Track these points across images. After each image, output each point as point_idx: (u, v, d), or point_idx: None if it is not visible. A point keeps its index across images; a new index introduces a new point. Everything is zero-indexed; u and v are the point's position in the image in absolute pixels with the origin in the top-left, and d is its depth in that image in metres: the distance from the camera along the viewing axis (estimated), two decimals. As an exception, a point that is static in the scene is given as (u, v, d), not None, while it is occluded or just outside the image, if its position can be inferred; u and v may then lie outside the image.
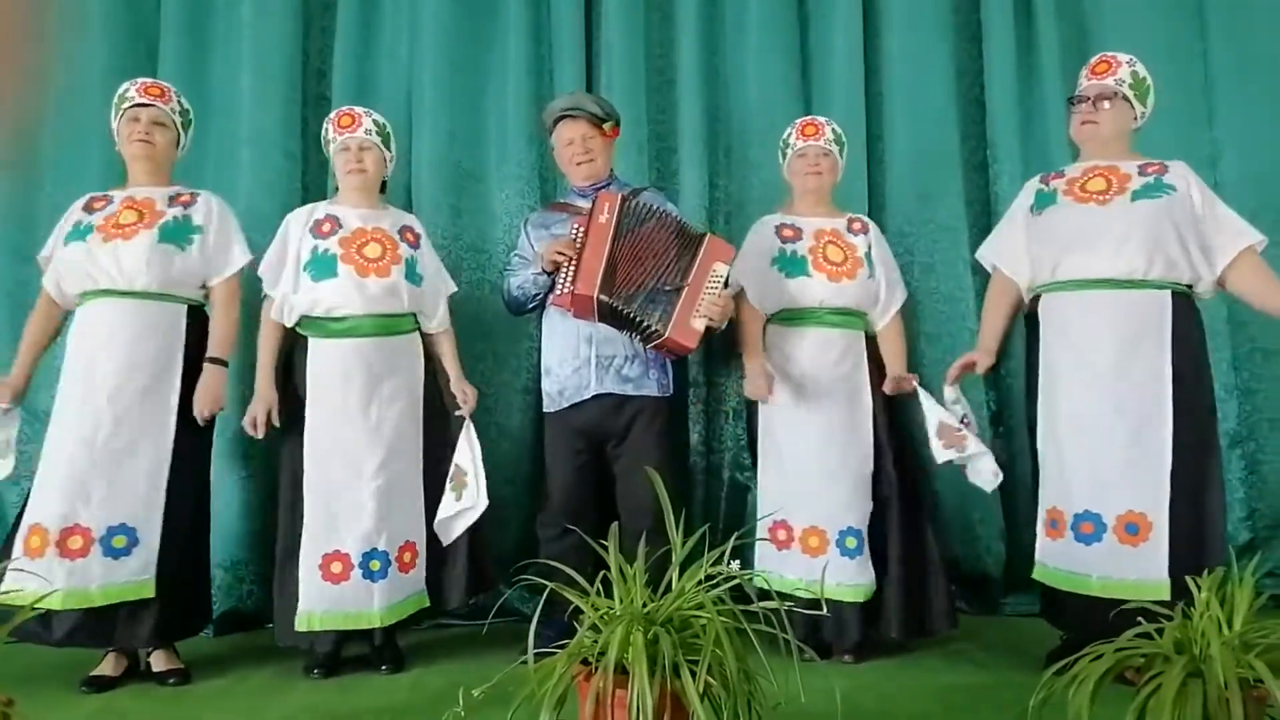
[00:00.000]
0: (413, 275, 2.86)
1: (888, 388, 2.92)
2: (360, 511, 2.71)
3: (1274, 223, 3.53)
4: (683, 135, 3.62)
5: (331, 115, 2.94)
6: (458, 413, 2.90)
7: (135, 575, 2.57)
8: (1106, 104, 2.70)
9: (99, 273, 2.67)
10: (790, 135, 3.08)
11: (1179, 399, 2.55)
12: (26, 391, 2.78)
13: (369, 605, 2.70)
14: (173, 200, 2.78)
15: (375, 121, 2.91)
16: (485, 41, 3.61)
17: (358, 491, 2.72)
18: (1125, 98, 2.71)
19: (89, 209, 2.77)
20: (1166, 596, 2.38)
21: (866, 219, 3.13)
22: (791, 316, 2.98)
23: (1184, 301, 2.63)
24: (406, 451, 2.82)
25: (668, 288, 2.77)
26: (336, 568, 2.69)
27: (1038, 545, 2.73)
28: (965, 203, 3.63)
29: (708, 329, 2.80)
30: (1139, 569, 2.50)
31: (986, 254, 2.97)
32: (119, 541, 2.56)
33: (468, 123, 3.56)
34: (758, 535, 2.85)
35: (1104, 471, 2.58)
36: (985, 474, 2.78)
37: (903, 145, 3.67)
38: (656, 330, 2.74)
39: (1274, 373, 3.53)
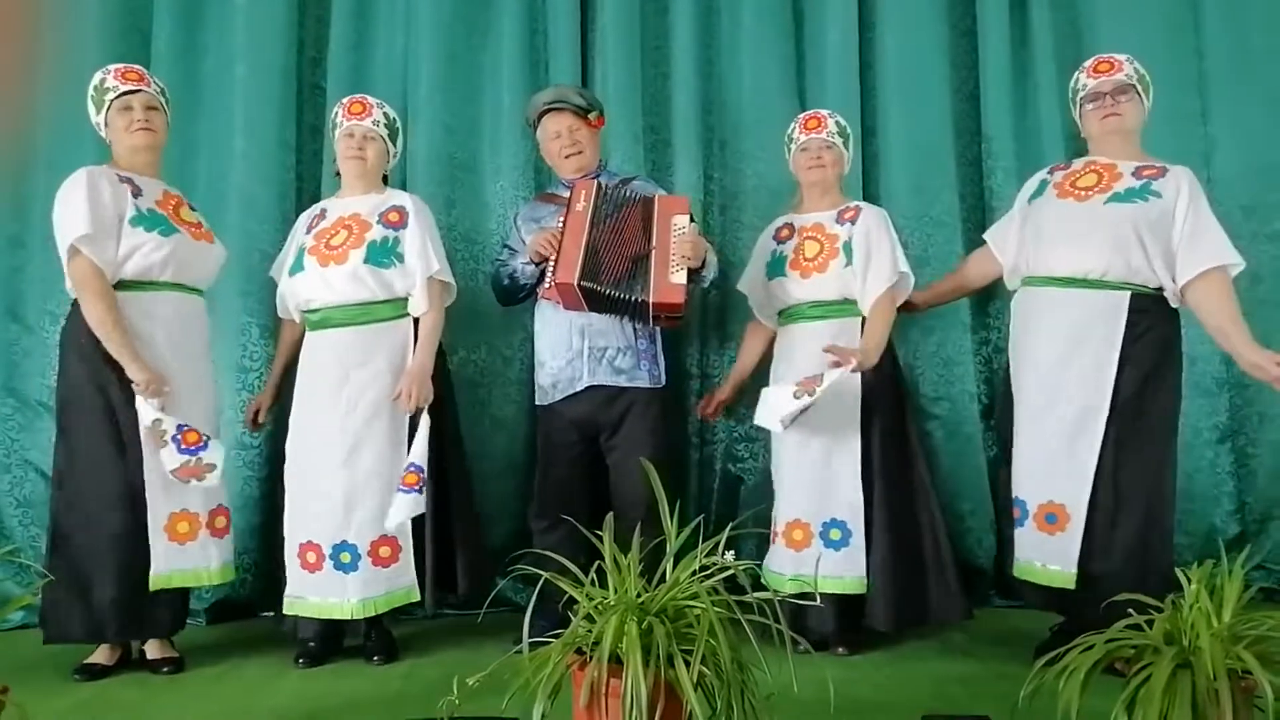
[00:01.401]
0: (381, 257, 2.73)
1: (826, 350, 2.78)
2: (329, 503, 2.70)
3: (1267, 219, 3.56)
4: (677, 128, 3.61)
5: (344, 100, 2.92)
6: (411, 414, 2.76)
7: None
8: (1124, 97, 2.70)
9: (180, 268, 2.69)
10: (794, 130, 3.05)
11: (1125, 397, 2.57)
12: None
13: (342, 596, 2.69)
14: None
15: (386, 114, 2.90)
16: (481, 32, 3.59)
17: (326, 483, 2.71)
18: (1137, 91, 2.71)
19: (136, 196, 2.65)
20: (1072, 586, 2.55)
21: (863, 205, 2.99)
22: (784, 316, 3.01)
23: (1149, 302, 2.61)
24: (381, 444, 2.73)
25: (640, 256, 2.80)
26: (311, 557, 2.71)
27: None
28: (959, 197, 3.62)
29: (691, 275, 2.81)
30: (1053, 557, 2.62)
31: (988, 234, 3.03)
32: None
33: (462, 114, 3.55)
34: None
35: (1036, 461, 2.70)
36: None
37: (897, 140, 3.65)
38: (643, 300, 2.76)
39: (1264, 367, 3.53)
